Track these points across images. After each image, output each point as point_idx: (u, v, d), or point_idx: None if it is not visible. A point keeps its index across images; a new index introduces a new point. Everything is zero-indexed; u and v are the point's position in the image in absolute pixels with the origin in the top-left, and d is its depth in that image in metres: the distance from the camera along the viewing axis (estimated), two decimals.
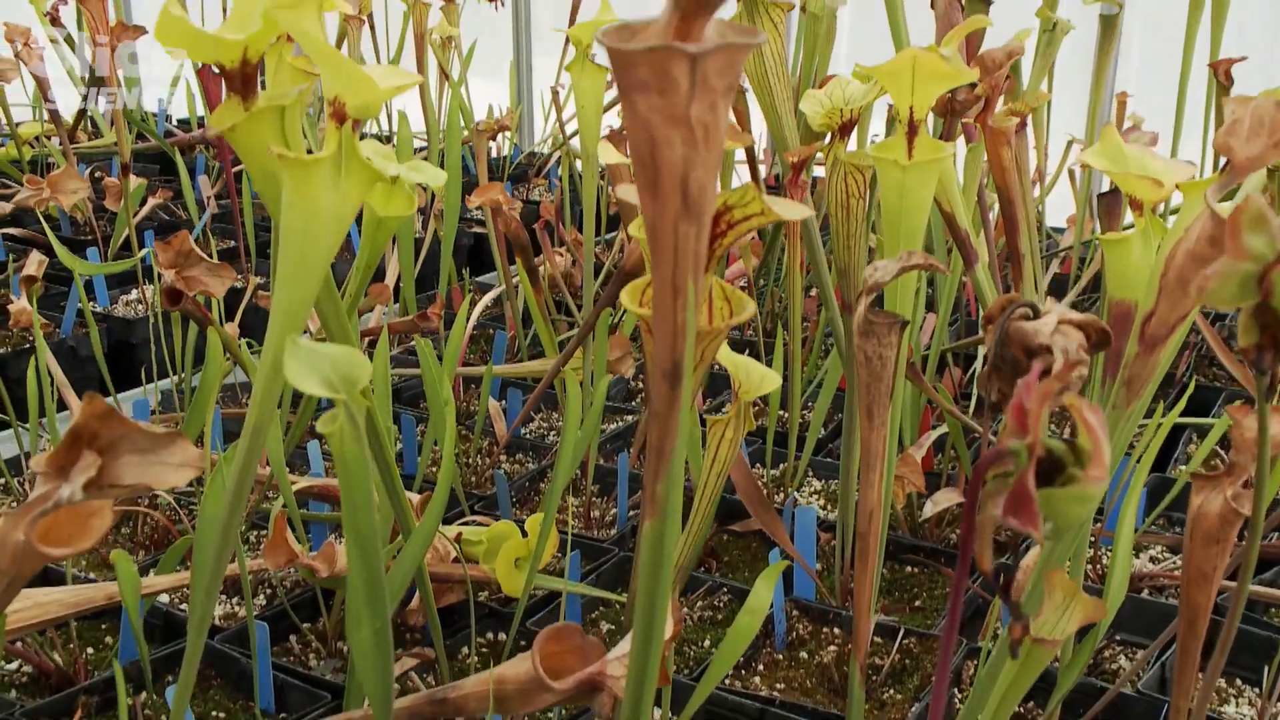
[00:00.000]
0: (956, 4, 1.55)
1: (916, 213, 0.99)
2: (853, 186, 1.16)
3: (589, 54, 1.39)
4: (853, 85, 1.17)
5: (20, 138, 2.77)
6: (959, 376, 1.82)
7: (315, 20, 0.78)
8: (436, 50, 2.92)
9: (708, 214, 0.51)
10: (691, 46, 0.47)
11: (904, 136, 0.98)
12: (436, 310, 1.59)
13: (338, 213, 0.77)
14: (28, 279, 1.92)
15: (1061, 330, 0.71)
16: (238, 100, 0.83)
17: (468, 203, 1.41)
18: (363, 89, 0.75)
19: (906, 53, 0.93)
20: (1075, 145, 2.49)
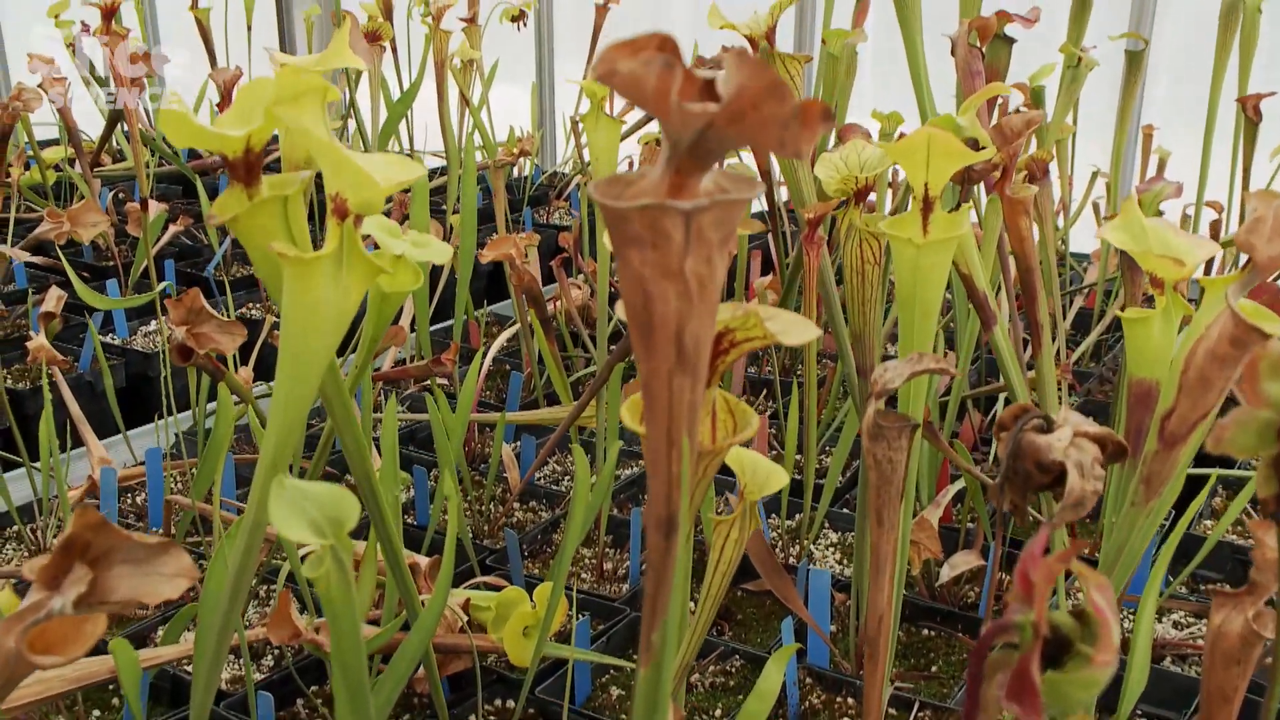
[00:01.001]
0: (977, 53, 1.53)
1: (932, 289, 0.97)
2: (868, 253, 1.14)
3: (603, 106, 1.37)
4: (868, 150, 1.15)
5: (44, 162, 2.79)
6: (979, 421, 1.79)
7: (318, 114, 0.77)
8: (457, 75, 2.91)
9: (703, 365, 0.49)
10: (686, 204, 0.45)
11: (919, 213, 0.96)
12: (450, 356, 1.58)
13: (339, 309, 0.76)
14: (45, 315, 1.93)
15: (1077, 444, 0.69)
16: (241, 188, 0.82)
17: (480, 257, 1.40)
18: (364, 186, 0.74)
19: (921, 132, 0.92)
20: (1100, 178, 2.46)
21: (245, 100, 0.81)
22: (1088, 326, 2.25)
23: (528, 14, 3.54)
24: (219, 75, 2.19)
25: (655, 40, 0.42)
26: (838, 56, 1.79)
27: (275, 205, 0.81)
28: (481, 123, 2.93)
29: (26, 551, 1.48)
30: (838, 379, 1.88)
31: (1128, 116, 2.16)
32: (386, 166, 0.77)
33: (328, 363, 0.79)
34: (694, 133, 0.43)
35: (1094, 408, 1.95)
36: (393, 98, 3.27)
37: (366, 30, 2.66)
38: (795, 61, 1.37)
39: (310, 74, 0.78)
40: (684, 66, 0.42)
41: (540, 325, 1.48)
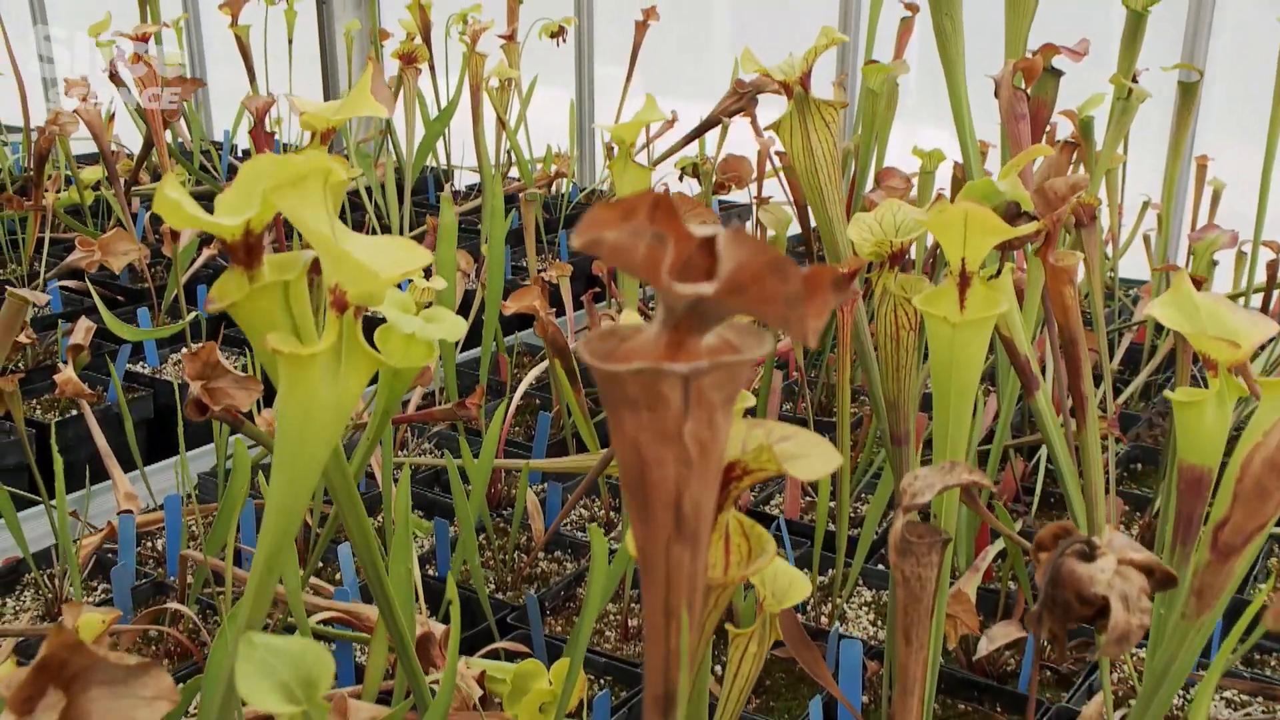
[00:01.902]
0: (1022, 95, 1.47)
1: (969, 369, 0.92)
2: (903, 318, 1.09)
3: (631, 153, 1.33)
4: (904, 211, 1.10)
5: (82, 183, 2.79)
6: (1021, 469, 1.73)
7: (319, 200, 0.73)
8: (493, 96, 2.88)
9: (705, 533, 0.45)
10: (684, 366, 0.41)
11: (955, 288, 0.91)
12: (476, 400, 1.55)
13: (337, 405, 0.72)
14: (74, 348, 1.92)
15: (1121, 573, 0.64)
16: (241, 271, 0.79)
17: (503, 309, 1.37)
18: (365, 279, 0.70)
19: (958, 207, 0.87)
20: (1151, 208, 2.38)
21: (247, 179, 0.77)
22: (1137, 362, 2.18)
23: (567, 30, 3.51)
24: (251, 103, 2.17)
25: (647, 204, 0.37)
26: (878, 92, 1.74)
27: (276, 290, 0.77)
28: (518, 145, 2.90)
29: (43, 600, 1.46)
30: (875, 421, 1.82)
31: (1181, 149, 2.09)
32: (392, 253, 0.73)
33: (324, 461, 0.75)
34: (689, 305, 0.39)
35: (1142, 453, 1.89)
36: (430, 113, 3.25)
37: (402, 51, 2.64)
38: (831, 108, 1.32)
39: (313, 155, 0.74)
40: (679, 232, 0.38)
41: (565, 375, 1.44)
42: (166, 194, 0.74)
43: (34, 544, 1.63)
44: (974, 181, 1.01)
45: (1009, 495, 1.69)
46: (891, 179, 1.51)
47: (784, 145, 1.35)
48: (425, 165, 3.23)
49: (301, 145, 3.56)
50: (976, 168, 1.54)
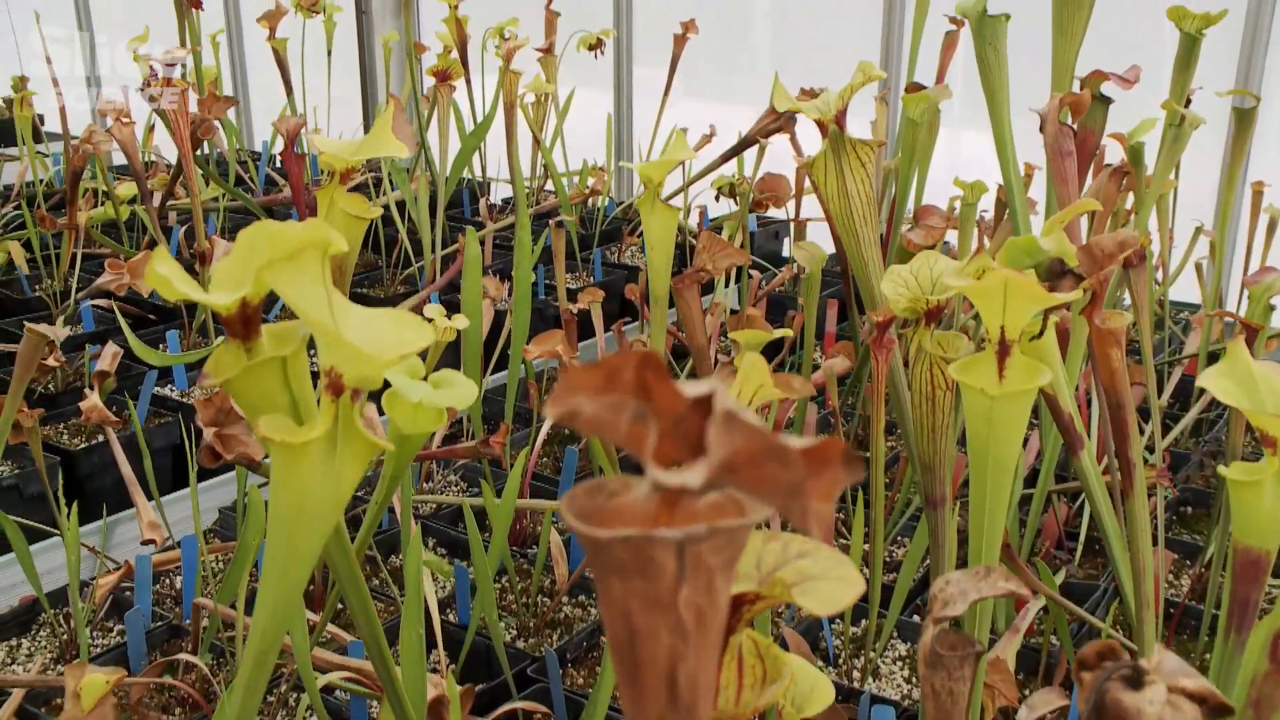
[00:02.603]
0: (1068, 131, 1.41)
1: (1008, 444, 0.87)
2: (938, 378, 1.04)
3: (659, 192, 1.29)
4: (941, 264, 1.05)
5: (118, 199, 2.79)
6: (1065, 513, 1.67)
7: (316, 275, 0.70)
8: (527, 113, 2.85)
9: (702, 708, 0.40)
10: (678, 532, 0.36)
11: (994, 357, 0.86)
12: (500, 439, 1.51)
13: (332, 495, 0.68)
14: (100, 375, 1.90)
15: (1172, 703, 0.59)
16: (238, 344, 0.75)
17: (525, 354, 1.33)
18: (362, 363, 0.67)
19: (998, 275, 0.81)
20: (1204, 236, 2.30)
21: (245, 248, 0.73)
22: (1188, 395, 2.10)
23: (606, 41, 3.47)
24: (282, 124, 2.15)
25: (631, 368, 0.33)
26: (918, 121, 1.68)
27: (273, 365, 0.74)
28: (553, 164, 2.86)
29: (58, 641, 1.44)
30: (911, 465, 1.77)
31: (1235, 177, 2.01)
32: (392, 332, 0.69)
33: (319, 553, 0.71)
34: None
35: (1192, 495, 1.81)
36: (467, 126, 3.23)
37: (437, 69, 2.61)
38: (867, 148, 1.27)
39: (311, 226, 0.70)
40: (666, 402, 0.33)
41: None
42: (156, 270, 0.70)
43: (56, 573, 1.61)
44: (1016, 239, 0.96)
45: (1051, 540, 1.63)
46: (930, 217, 1.45)
47: (818, 186, 1.30)
48: (461, 178, 3.21)
49: None
50: (1020, 203, 1.48)
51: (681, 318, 1.34)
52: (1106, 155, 1.94)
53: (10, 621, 1.44)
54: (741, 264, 1.36)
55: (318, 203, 1.24)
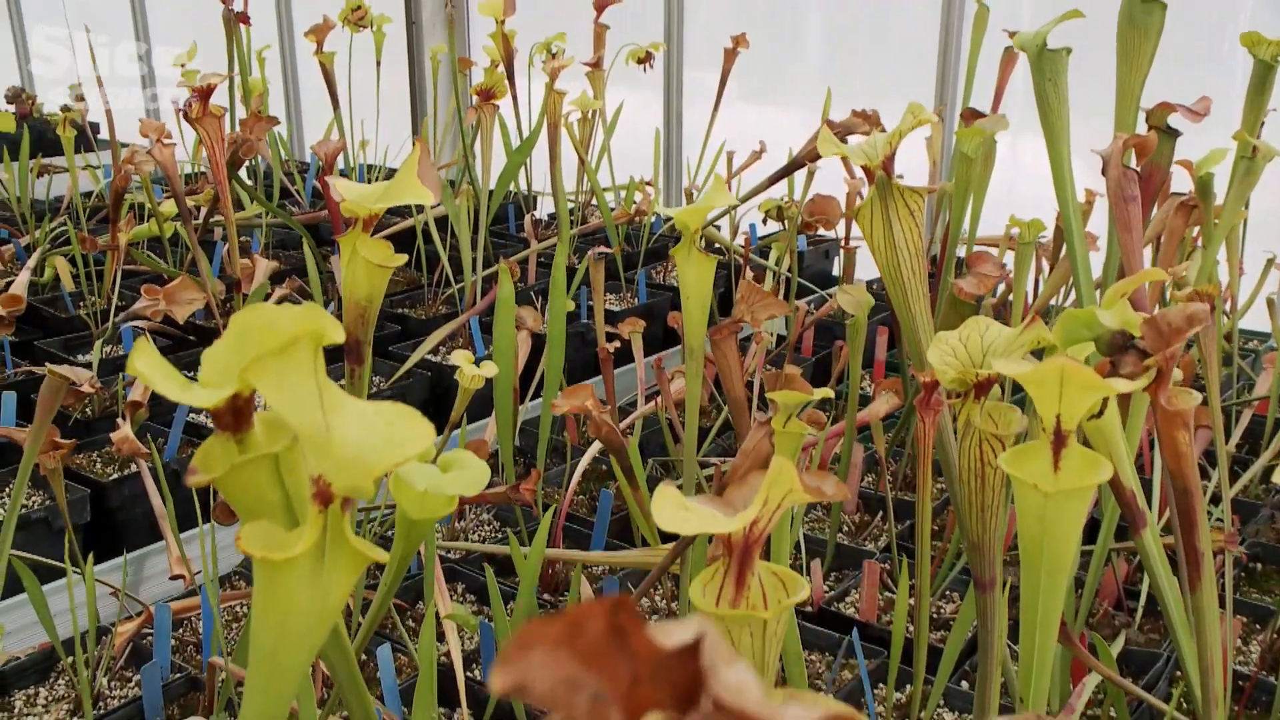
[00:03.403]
0: (1133, 175, 1.33)
1: (1063, 544, 0.79)
2: (988, 455, 0.97)
3: (696, 240, 1.23)
4: (992, 331, 0.98)
5: (161, 216, 2.78)
6: (1125, 570, 1.59)
7: (307, 370, 0.64)
8: (572, 133, 2.80)
9: None
10: None
11: (1049, 447, 0.79)
12: (530, 486, 1.46)
13: (319, 611, 0.63)
14: (132, 405, 1.88)
15: None
16: (228, 437, 0.70)
17: (553, 409, 1.27)
18: (352, 471, 0.61)
19: (1053, 363, 0.74)
20: (1276, 269, 2.19)
21: (237, 335, 0.69)
22: (1258, 437, 1.99)
23: (655, 55, 3.42)
24: (321, 148, 2.12)
25: (599, 626, 0.27)
26: (972, 157, 1.60)
27: (264, 462, 0.69)
28: (598, 185, 2.81)
29: (74, 693, 1.41)
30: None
31: None
32: (389, 432, 0.63)
33: (307, 667, 0.66)
34: None
35: (1262, 551, 1.72)
36: (513, 140, 3.19)
37: (481, 87, 2.56)
38: (916, 196, 1.20)
39: (304, 316, 0.65)
40: (639, 671, 0.27)
41: (623, 475, 1.34)
42: (135, 365, 0.66)
43: (80, 609, 1.59)
44: (1074, 311, 0.89)
45: (1110, 599, 1.55)
46: (984, 265, 1.38)
47: (863, 234, 1.23)
48: (508, 190, 3.17)
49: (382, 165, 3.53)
50: (1080, 246, 1.40)
51: (719, 370, 1.28)
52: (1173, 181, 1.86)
53: (29, 669, 1.42)
54: (783, 313, 1.29)
55: (341, 250, 1.19)
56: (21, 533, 1.70)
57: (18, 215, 3.16)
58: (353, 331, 1.21)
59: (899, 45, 3.93)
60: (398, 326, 2.53)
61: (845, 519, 1.83)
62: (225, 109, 1.90)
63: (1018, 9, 3.57)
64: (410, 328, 2.55)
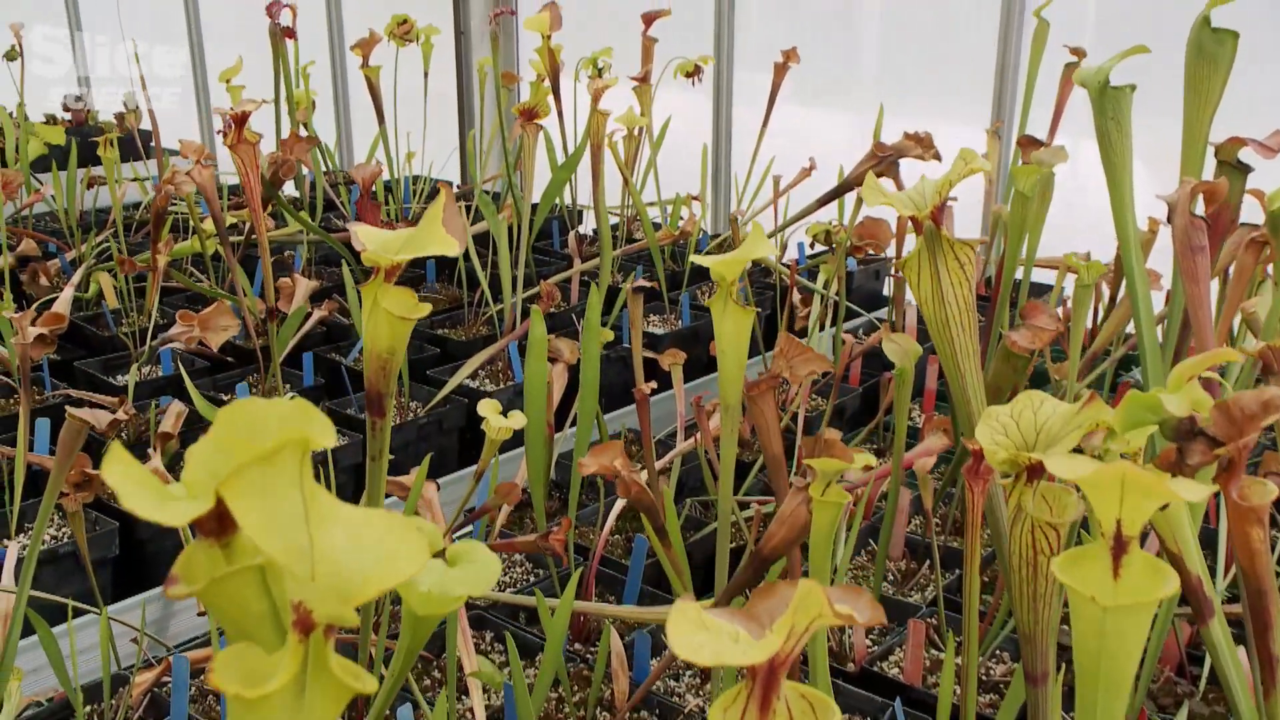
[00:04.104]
0: (1200, 224, 1.25)
1: (1123, 659, 0.72)
2: (1042, 543, 0.90)
3: (733, 292, 1.17)
4: (1046, 407, 0.91)
5: (204, 233, 2.77)
6: (1188, 634, 1.50)
7: (290, 481, 0.59)
8: (616, 153, 2.75)
9: None
10: None
11: (1108, 554, 0.72)
12: (561, 536, 1.41)
13: None
14: (163, 436, 1.85)
15: None
16: (212, 543, 0.65)
17: (580, 469, 1.22)
18: (336, 599, 0.56)
19: (1113, 469, 0.67)
20: None
21: (225, 432, 0.64)
22: None
23: (704, 69, 3.36)
24: (359, 172, 2.09)
25: None
26: (1029, 196, 1.52)
27: (250, 574, 0.64)
28: (643, 207, 2.75)
29: None
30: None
31: None
32: (381, 548, 0.58)
33: None
34: None
35: None
36: (558, 153, 3.14)
37: (524, 106, 2.52)
38: (966, 248, 1.13)
39: (291, 422, 0.60)
40: None
41: (655, 535, 1.28)
42: (107, 479, 0.61)
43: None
44: (1137, 394, 0.82)
45: (1172, 665, 1.46)
46: (1039, 316, 1.30)
47: (910, 287, 1.16)
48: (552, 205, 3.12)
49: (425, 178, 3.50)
50: (1143, 298, 1.32)
51: (756, 426, 1.22)
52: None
53: (52, 717, 1.39)
54: (824, 370, 1.23)
55: (363, 300, 1.14)
56: (50, 567, 1.68)
57: (65, 228, 3.17)
58: (374, 383, 1.17)
59: (955, 53, 3.83)
60: (436, 349, 2.49)
61: (890, 566, 1.76)
62: (261, 135, 1.86)
63: (1080, 21, 3.46)
64: (450, 350, 2.51)
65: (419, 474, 1.53)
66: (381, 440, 1.21)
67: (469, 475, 2.20)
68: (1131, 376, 2.45)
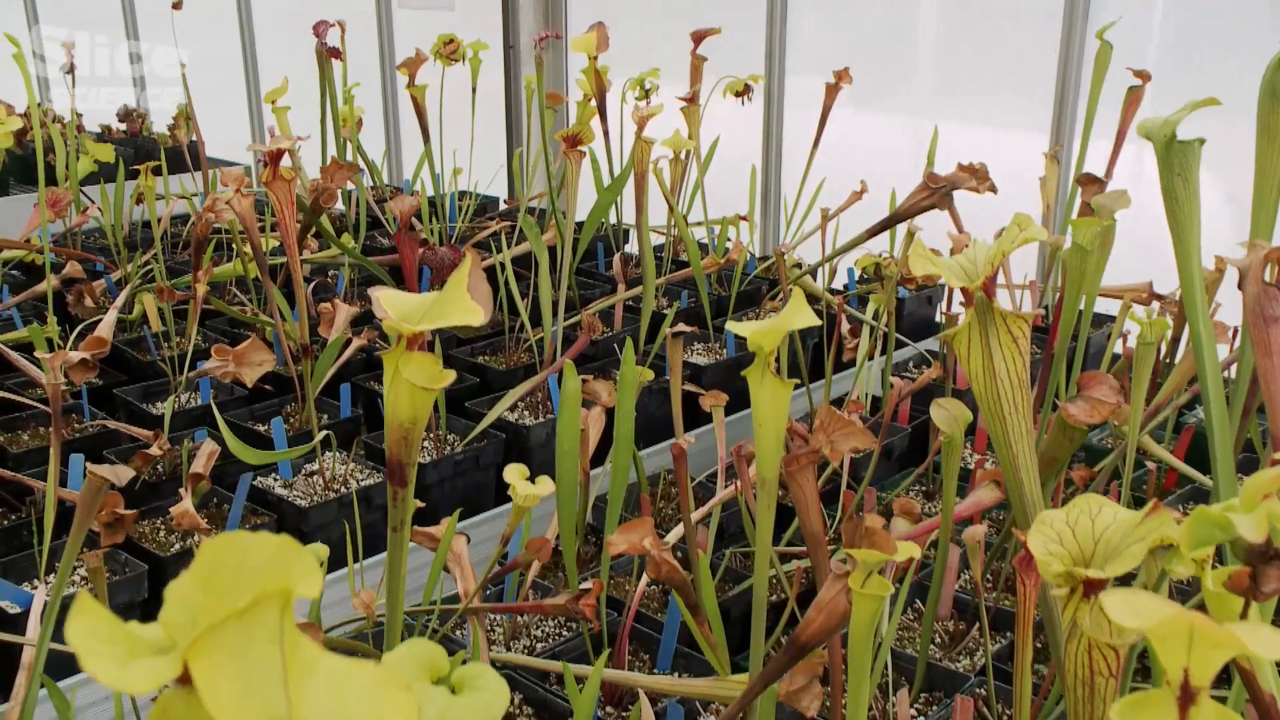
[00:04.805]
0: (1274, 293, 1.17)
1: None
2: (1099, 662, 0.83)
3: (770, 362, 1.11)
4: (1105, 513, 0.84)
5: (246, 256, 2.76)
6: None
7: (268, 641, 0.55)
8: (662, 181, 2.69)
9: None
10: None
11: (1174, 703, 0.65)
12: (591, 601, 1.36)
13: None
14: (193, 477, 1.82)
15: None
16: (189, 691, 0.61)
17: (608, 548, 1.16)
18: None
19: (1182, 620, 0.61)
20: None
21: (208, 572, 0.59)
22: None
23: (754, 87, 3.29)
24: (396, 205, 2.06)
25: None
26: (1088, 250, 1.44)
27: None
28: (689, 236, 2.70)
29: None
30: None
31: None
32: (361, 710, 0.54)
33: None
34: None
35: None
36: (603, 166, 3.10)
37: (567, 134, 2.47)
38: (1020, 321, 1.06)
39: (273, 571, 0.55)
40: None
41: (688, 612, 1.23)
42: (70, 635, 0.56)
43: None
44: (1206, 510, 0.75)
45: None
46: (1098, 387, 1.22)
47: (960, 359, 1.10)
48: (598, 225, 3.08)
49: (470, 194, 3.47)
50: (1211, 366, 1.24)
51: (794, 502, 1.16)
52: None
53: None
54: (866, 447, 1.16)
55: (385, 367, 1.10)
56: None
57: (112, 245, 3.17)
58: (395, 453, 1.12)
59: (1013, 58, 3.73)
60: (476, 379, 2.45)
61: (938, 626, 1.69)
62: (296, 172, 1.83)
63: (1144, 42, 3.35)
64: (490, 380, 2.47)
65: (448, 528, 1.49)
66: (403, 510, 1.16)
67: (505, 514, 2.16)
68: (1195, 418, 2.35)
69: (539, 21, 4.09)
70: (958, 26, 4.04)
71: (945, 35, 4.11)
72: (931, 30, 4.18)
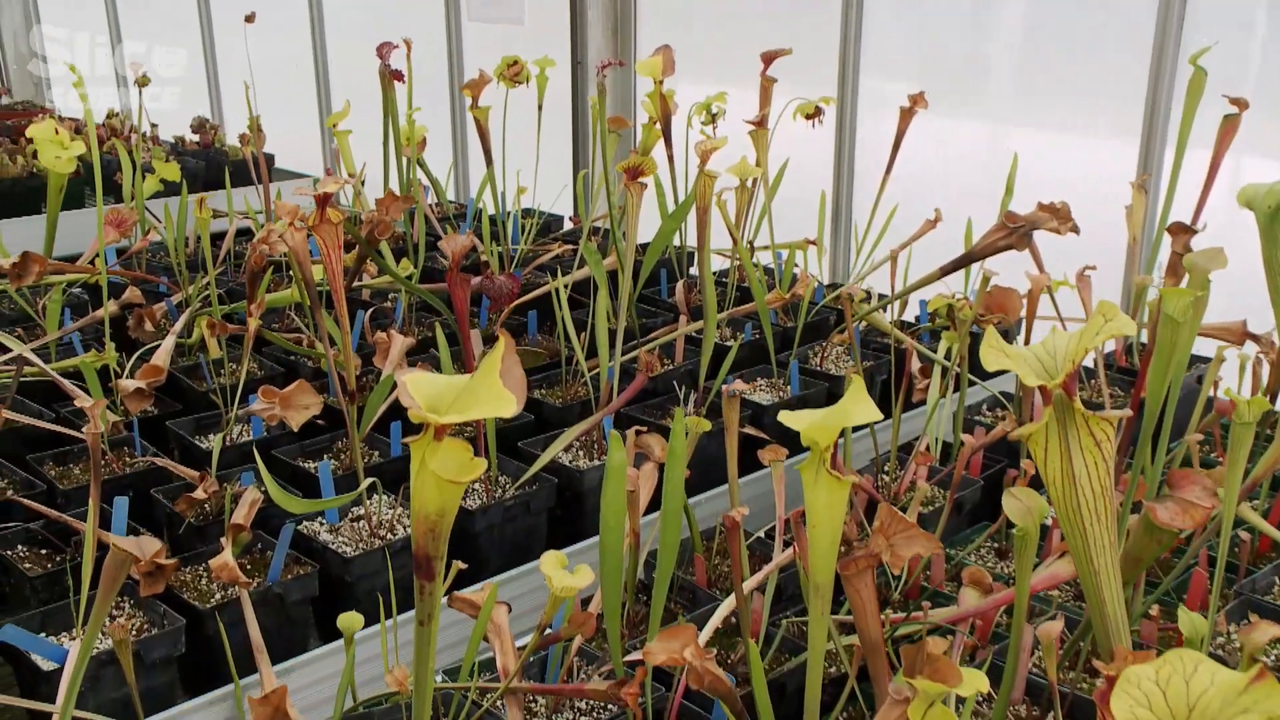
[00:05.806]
0: None
1: None
2: None
3: (827, 458, 1.02)
4: (1201, 674, 0.74)
5: (301, 284, 2.72)
6: None
7: None
8: (725, 214, 2.60)
9: None
10: None
11: None
12: (634, 690, 1.28)
13: None
14: (234, 528, 1.78)
15: None
16: None
17: (646, 656, 1.08)
18: None
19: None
20: None
21: None
22: None
23: (825, 110, 3.18)
24: (448, 244, 2.00)
25: None
26: (1180, 321, 1.32)
27: None
28: (753, 273, 2.60)
29: None
30: None
31: None
32: None
33: None
34: None
35: None
36: (667, 190, 3.02)
37: (629, 165, 2.40)
38: (1104, 425, 0.95)
39: None
40: None
41: (734, 718, 1.14)
42: None
43: None
44: None
45: None
46: (1191, 488, 1.11)
47: (1035, 460, 1.00)
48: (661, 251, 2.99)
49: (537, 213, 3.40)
50: None
51: (851, 607, 1.07)
52: None
53: None
54: (930, 552, 1.07)
55: (412, 457, 1.03)
56: (113, 667, 1.62)
57: (175, 265, 3.17)
58: (422, 547, 1.05)
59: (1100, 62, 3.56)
60: (530, 416, 2.38)
61: (1010, 712, 1.58)
62: (344, 214, 1.78)
63: (1244, 66, 3.18)
64: (545, 417, 2.40)
65: (489, 597, 1.42)
66: (430, 605, 1.09)
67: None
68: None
69: (608, 37, 4.02)
70: (1041, 34, 3.89)
71: (1027, 42, 3.96)
72: (1015, 36, 4.03)
